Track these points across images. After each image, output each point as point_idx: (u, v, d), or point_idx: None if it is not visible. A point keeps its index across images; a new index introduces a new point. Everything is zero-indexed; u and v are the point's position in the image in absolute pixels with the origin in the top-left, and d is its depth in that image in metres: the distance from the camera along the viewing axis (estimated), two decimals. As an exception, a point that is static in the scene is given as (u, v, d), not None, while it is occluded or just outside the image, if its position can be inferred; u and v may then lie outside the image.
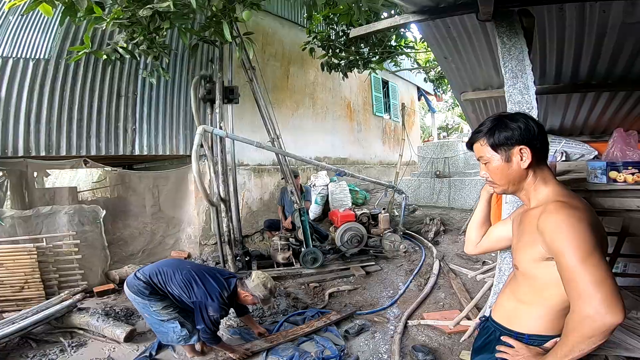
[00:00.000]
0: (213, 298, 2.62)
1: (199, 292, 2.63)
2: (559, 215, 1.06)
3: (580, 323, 0.98)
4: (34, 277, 3.82)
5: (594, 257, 0.98)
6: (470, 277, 4.07)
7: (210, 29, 3.79)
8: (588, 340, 0.97)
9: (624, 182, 1.79)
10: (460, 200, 6.34)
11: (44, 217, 4.23)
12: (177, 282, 2.67)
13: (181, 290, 2.66)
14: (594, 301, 0.95)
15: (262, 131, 4.77)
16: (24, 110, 4.35)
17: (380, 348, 2.98)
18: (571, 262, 1.00)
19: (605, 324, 0.94)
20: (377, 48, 6.18)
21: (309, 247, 4.58)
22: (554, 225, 1.06)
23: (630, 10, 2.04)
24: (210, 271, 2.86)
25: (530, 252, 1.16)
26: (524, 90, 1.91)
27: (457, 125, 18.47)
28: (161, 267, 2.78)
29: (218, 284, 2.71)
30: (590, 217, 1.07)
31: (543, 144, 1.19)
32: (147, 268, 2.79)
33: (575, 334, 0.99)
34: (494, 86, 3.37)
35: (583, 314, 0.97)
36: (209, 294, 2.63)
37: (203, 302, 2.61)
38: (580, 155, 3.21)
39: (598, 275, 0.96)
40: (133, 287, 2.68)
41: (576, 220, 1.03)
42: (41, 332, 3.18)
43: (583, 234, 1.01)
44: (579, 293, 0.98)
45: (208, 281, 2.70)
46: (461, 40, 2.68)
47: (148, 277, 2.68)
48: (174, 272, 2.72)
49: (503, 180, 1.23)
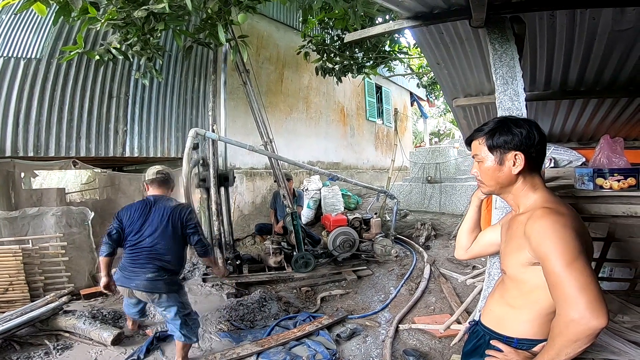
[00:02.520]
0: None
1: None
2: (545, 221, 1.08)
3: (565, 327, 0.99)
4: (18, 279, 3.74)
5: (578, 262, 1.00)
6: (461, 281, 4.10)
7: (205, 31, 3.79)
8: (573, 344, 0.98)
9: (610, 188, 1.82)
10: (451, 205, 6.39)
11: (31, 219, 4.15)
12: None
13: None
14: (578, 305, 0.96)
15: (255, 134, 4.76)
16: (12, 110, 4.28)
17: (372, 352, 2.98)
18: (556, 267, 1.01)
19: (590, 328, 0.95)
20: (372, 53, 6.24)
21: (300, 251, 4.56)
22: (540, 231, 1.08)
23: (619, 17, 2.09)
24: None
25: (518, 257, 1.17)
26: (514, 96, 1.94)
27: (448, 131, 18.65)
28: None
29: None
30: (575, 223, 1.09)
31: (539, 153, 1.21)
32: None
33: (560, 338, 1.01)
34: (485, 92, 3.41)
35: (568, 318, 0.98)
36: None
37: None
38: (568, 161, 3.27)
39: (583, 280, 0.98)
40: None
41: (561, 226, 1.05)
42: (25, 335, 3.10)
43: (568, 239, 1.03)
44: (564, 297, 1.00)
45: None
46: (454, 47, 2.71)
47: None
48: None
49: (492, 182, 1.26)
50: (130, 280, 2.61)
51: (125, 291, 2.74)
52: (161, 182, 2.84)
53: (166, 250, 2.63)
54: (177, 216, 2.69)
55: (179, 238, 2.70)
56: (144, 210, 2.69)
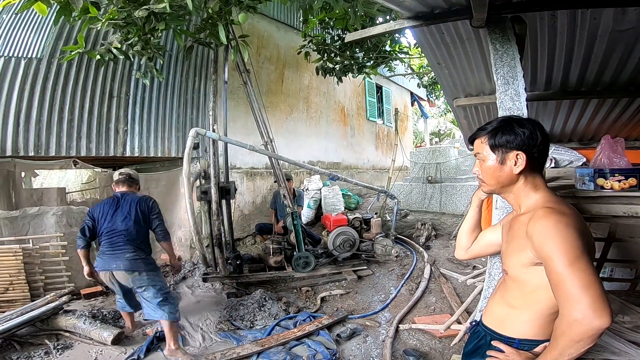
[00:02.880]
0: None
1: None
2: (547, 221, 1.07)
3: (568, 327, 0.98)
4: (19, 278, 3.74)
5: (581, 261, 1.00)
6: (461, 281, 4.09)
7: (206, 31, 3.79)
8: (576, 344, 0.98)
9: (611, 188, 1.82)
10: (452, 205, 6.39)
11: (31, 218, 4.16)
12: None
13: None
14: (581, 305, 0.96)
15: (256, 134, 4.76)
16: (13, 109, 4.28)
17: (372, 352, 2.98)
18: (559, 267, 1.01)
19: (592, 328, 0.95)
20: (372, 53, 6.24)
21: (301, 251, 4.56)
22: (542, 231, 1.07)
23: (621, 17, 2.08)
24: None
25: (520, 257, 1.17)
26: (515, 96, 1.93)
27: (449, 131, 18.64)
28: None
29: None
30: (577, 222, 1.09)
31: (541, 154, 1.21)
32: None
33: (563, 338, 1.00)
34: (485, 92, 3.40)
35: (571, 318, 0.97)
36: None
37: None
38: (569, 161, 3.27)
39: (585, 280, 0.97)
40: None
41: (564, 226, 1.05)
42: (26, 334, 3.11)
43: (570, 239, 1.03)
44: (567, 297, 0.99)
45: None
46: (454, 47, 2.71)
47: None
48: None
49: (492, 181, 1.26)
50: (111, 262, 2.91)
51: (106, 276, 2.98)
52: (124, 181, 3.21)
53: (136, 233, 2.96)
54: (143, 204, 3.07)
55: (147, 223, 3.06)
56: (113, 203, 3.06)
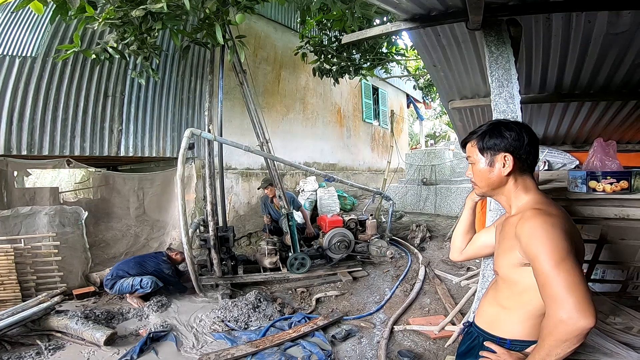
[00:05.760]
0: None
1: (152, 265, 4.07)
2: (534, 222, 1.09)
3: (554, 327, 1.00)
4: (10, 278, 3.69)
5: (567, 262, 1.01)
6: (455, 282, 4.11)
7: (203, 31, 3.78)
8: (563, 344, 0.99)
9: (603, 191, 1.84)
10: (446, 207, 6.42)
11: (23, 218, 4.11)
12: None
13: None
14: (566, 305, 0.97)
15: (251, 135, 4.75)
16: (6, 108, 4.24)
17: (367, 353, 2.98)
18: (545, 267, 1.02)
19: (578, 328, 0.96)
20: (369, 54, 6.26)
21: (296, 252, 4.56)
22: (529, 231, 1.09)
23: (615, 21, 2.11)
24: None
25: (509, 257, 1.18)
26: (509, 99, 1.95)
27: (444, 133, 18.74)
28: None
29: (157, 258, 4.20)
30: (565, 224, 1.10)
31: (530, 155, 1.23)
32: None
33: (550, 339, 1.01)
34: (480, 95, 3.43)
35: (557, 318, 0.99)
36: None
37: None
38: (562, 164, 3.30)
39: (571, 280, 0.98)
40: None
41: (550, 226, 1.06)
42: (17, 335, 3.07)
43: (557, 239, 1.04)
44: (553, 297, 1.00)
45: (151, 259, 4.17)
46: (450, 49, 2.73)
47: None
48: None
49: (483, 183, 1.28)
50: None
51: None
52: None
53: None
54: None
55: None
56: None
